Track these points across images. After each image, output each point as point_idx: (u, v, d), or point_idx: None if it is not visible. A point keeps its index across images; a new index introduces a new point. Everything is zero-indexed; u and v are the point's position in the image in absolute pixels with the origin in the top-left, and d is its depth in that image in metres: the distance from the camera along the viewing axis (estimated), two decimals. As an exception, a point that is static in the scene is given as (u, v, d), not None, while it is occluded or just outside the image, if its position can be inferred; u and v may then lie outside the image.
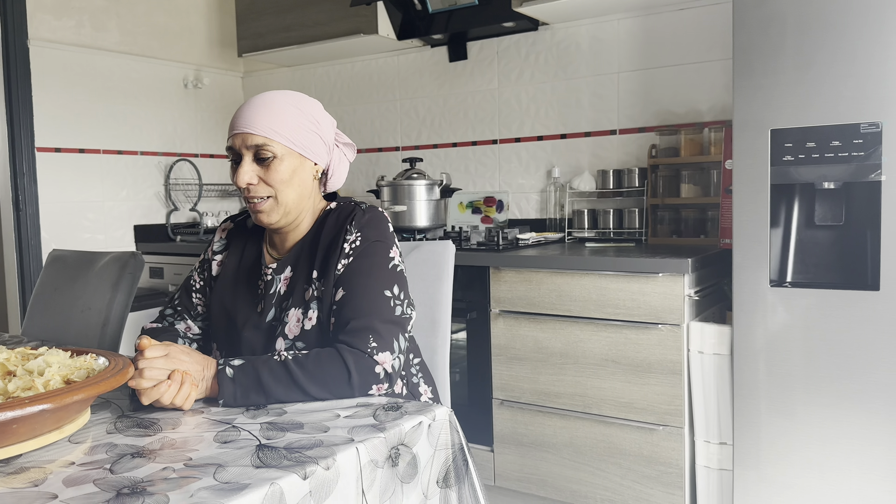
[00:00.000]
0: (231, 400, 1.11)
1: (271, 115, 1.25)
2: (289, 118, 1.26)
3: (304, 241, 1.34)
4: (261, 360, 1.14)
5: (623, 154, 2.73)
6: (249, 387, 1.11)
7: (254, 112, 1.25)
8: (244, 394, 1.11)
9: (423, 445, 1.03)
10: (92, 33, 3.11)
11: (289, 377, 1.12)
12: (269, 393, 1.12)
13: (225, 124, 3.71)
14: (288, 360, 1.14)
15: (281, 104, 1.26)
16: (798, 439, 1.84)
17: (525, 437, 2.29)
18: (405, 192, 2.69)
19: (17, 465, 0.88)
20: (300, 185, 1.30)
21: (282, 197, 1.28)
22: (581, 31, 2.79)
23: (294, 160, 1.28)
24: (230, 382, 1.11)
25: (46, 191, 2.96)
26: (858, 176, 1.73)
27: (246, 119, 1.25)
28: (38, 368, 0.99)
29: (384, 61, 3.33)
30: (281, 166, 1.26)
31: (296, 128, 1.27)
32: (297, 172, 1.29)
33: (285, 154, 1.26)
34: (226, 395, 1.11)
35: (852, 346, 1.75)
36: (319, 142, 1.31)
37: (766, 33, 1.80)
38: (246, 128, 1.25)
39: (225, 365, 1.13)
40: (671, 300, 2.00)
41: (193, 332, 1.45)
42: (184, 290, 1.47)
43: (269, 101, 1.26)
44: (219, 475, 0.82)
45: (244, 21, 3.31)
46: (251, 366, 1.13)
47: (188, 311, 1.45)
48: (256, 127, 1.24)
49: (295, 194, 1.29)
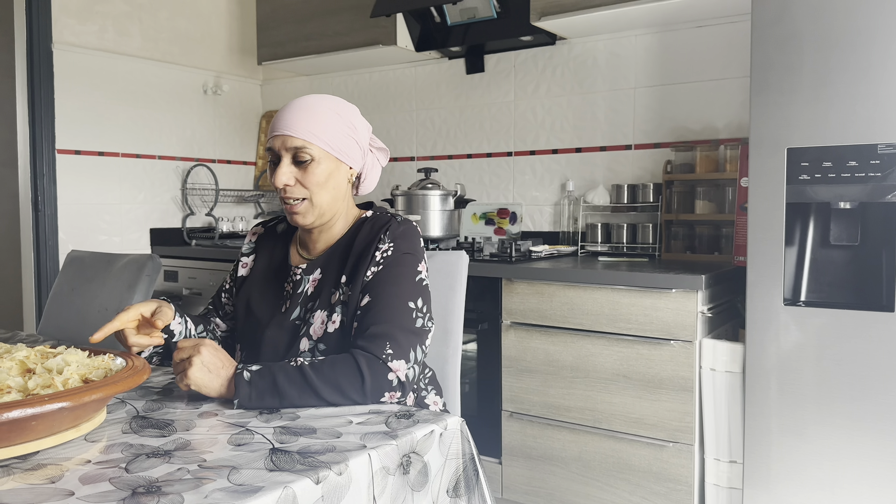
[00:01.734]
0: (246, 400, 1.12)
1: (311, 119, 1.29)
2: (328, 123, 1.30)
3: (337, 245, 1.38)
4: (277, 365, 1.16)
5: (638, 169, 2.73)
6: (265, 389, 1.13)
7: (295, 115, 1.29)
8: (259, 396, 1.12)
9: (434, 454, 1.03)
10: (115, 38, 3.15)
11: (303, 380, 1.14)
12: (283, 395, 1.13)
13: (243, 131, 3.75)
14: (304, 365, 1.16)
15: (321, 109, 1.30)
16: (809, 459, 1.83)
17: (534, 450, 2.29)
18: (419, 201, 2.71)
19: (35, 461, 0.89)
20: (335, 187, 1.34)
21: (316, 199, 1.32)
22: (598, 47, 2.80)
23: (331, 163, 1.32)
24: (246, 384, 1.13)
25: (65, 192, 3.00)
26: (875, 196, 1.72)
27: (287, 122, 1.29)
28: (58, 367, 1.01)
29: (402, 72, 3.35)
30: (318, 169, 1.30)
31: (334, 132, 1.30)
32: (332, 175, 1.32)
33: (322, 157, 1.30)
34: (241, 396, 1.12)
35: (866, 367, 1.74)
36: (355, 146, 1.35)
37: (784, 51, 1.81)
38: (286, 130, 1.29)
39: (243, 368, 1.15)
40: (684, 316, 2.00)
41: (222, 329, 1.52)
42: (217, 290, 1.55)
43: (310, 106, 1.30)
44: (233, 477, 0.83)
45: (265, 29, 3.35)
46: (268, 369, 1.15)
47: (217, 311, 1.53)
48: (296, 130, 1.28)
49: (329, 196, 1.33)
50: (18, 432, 0.86)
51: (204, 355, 1.14)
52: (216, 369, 1.14)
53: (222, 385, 1.14)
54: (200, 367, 1.13)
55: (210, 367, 1.14)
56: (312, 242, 1.41)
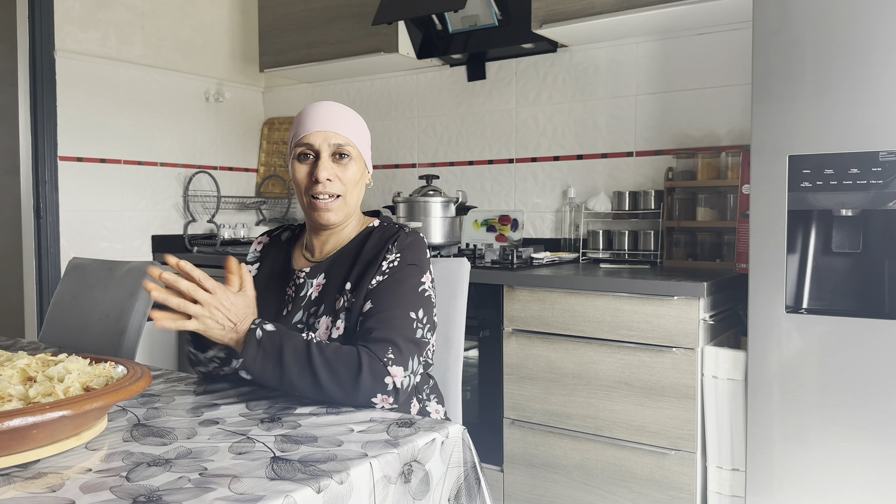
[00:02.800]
0: (250, 362, 1.15)
1: (350, 120, 1.37)
2: (361, 127, 1.39)
3: (343, 250, 1.40)
4: (289, 333, 1.19)
5: (639, 176, 2.73)
6: (270, 354, 1.15)
7: (335, 114, 1.35)
8: (263, 360, 1.15)
9: (435, 462, 1.03)
10: (117, 46, 3.16)
11: (307, 357, 1.15)
12: (284, 368, 1.15)
13: (245, 138, 3.75)
14: (311, 342, 1.18)
15: (353, 114, 1.39)
16: (812, 467, 1.82)
17: (535, 457, 2.28)
18: (421, 208, 2.71)
19: (35, 470, 0.89)
20: (361, 189, 1.41)
21: (349, 197, 1.37)
22: (600, 54, 2.81)
23: (361, 165, 1.39)
24: (256, 344, 1.15)
25: (67, 199, 3.00)
26: (877, 204, 1.72)
27: (329, 119, 1.34)
28: (59, 375, 1.00)
29: (403, 79, 3.36)
30: (355, 167, 1.36)
31: (364, 137, 1.40)
32: (362, 177, 1.40)
33: (357, 157, 1.37)
34: (247, 356, 1.15)
35: (868, 375, 1.74)
36: (370, 151, 1.43)
37: (786, 59, 1.81)
38: (330, 127, 1.34)
39: (259, 326, 1.16)
40: (686, 324, 2.00)
41: None
42: None
43: (345, 109, 1.38)
44: (234, 486, 0.83)
45: (267, 37, 3.36)
46: (279, 334, 1.17)
47: None
48: (340, 127, 1.34)
49: (357, 196, 1.40)
50: (19, 441, 0.86)
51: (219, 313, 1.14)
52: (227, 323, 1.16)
53: (231, 339, 1.17)
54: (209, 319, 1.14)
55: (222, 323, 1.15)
56: (321, 244, 1.42)
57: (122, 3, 3.17)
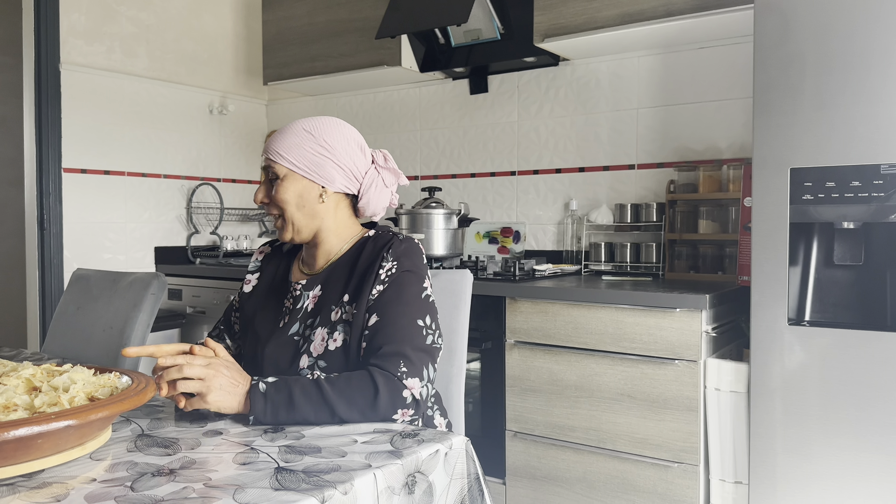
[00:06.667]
0: (262, 415, 1.12)
1: (280, 140, 1.36)
2: (296, 142, 1.34)
3: (338, 262, 1.39)
4: (293, 379, 1.17)
5: (641, 189, 2.74)
6: (280, 403, 1.13)
7: (276, 136, 1.37)
8: (274, 410, 1.12)
9: (439, 474, 1.03)
10: (122, 59, 3.18)
11: (319, 394, 1.14)
12: (298, 410, 1.13)
13: (248, 150, 3.77)
14: (320, 378, 1.17)
15: (294, 129, 1.36)
16: (815, 480, 1.81)
17: (538, 470, 2.28)
18: (423, 220, 2.72)
19: (40, 479, 0.89)
20: (307, 206, 1.36)
21: (288, 216, 1.37)
22: (601, 68, 2.82)
23: (298, 182, 1.35)
24: (262, 398, 1.13)
25: (71, 211, 3.01)
26: (878, 216, 1.73)
27: (270, 142, 1.38)
28: (64, 385, 1.01)
29: (406, 92, 3.38)
30: (282, 187, 1.35)
31: (302, 152, 1.34)
32: (302, 194, 1.36)
33: (290, 177, 1.35)
34: (257, 411, 1.12)
35: (871, 387, 1.74)
36: (332, 165, 1.35)
37: (787, 73, 1.82)
38: (267, 149, 1.38)
39: (259, 381, 1.15)
40: (688, 336, 2.00)
41: (232, 350, 1.52)
42: (226, 310, 1.57)
43: (287, 127, 1.38)
44: (238, 496, 0.83)
45: (270, 50, 3.38)
46: (284, 383, 1.15)
47: (227, 330, 1.55)
48: (271, 149, 1.36)
49: (301, 214, 1.36)
50: (24, 450, 0.86)
51: (220, 378, 1.13)
52: (232, 388, 1.14)
53: (240, 403, 1.14)
54: (219, 390, 1.13)
55: (227, 389, 1.13)
56: (312, 258, 1.43)
57: (127, 16, 3.20)
